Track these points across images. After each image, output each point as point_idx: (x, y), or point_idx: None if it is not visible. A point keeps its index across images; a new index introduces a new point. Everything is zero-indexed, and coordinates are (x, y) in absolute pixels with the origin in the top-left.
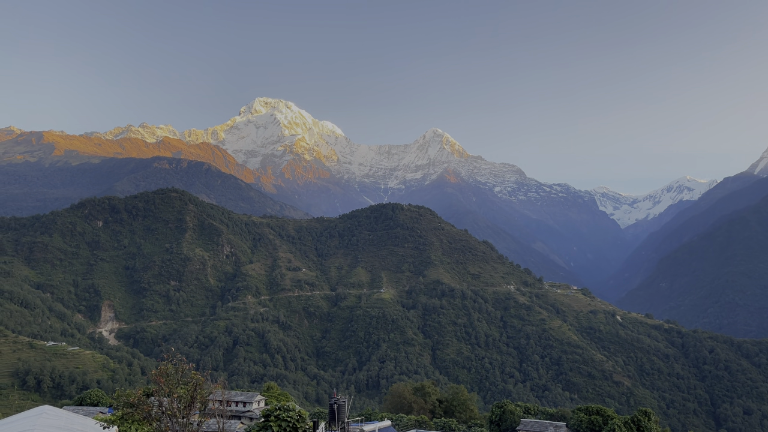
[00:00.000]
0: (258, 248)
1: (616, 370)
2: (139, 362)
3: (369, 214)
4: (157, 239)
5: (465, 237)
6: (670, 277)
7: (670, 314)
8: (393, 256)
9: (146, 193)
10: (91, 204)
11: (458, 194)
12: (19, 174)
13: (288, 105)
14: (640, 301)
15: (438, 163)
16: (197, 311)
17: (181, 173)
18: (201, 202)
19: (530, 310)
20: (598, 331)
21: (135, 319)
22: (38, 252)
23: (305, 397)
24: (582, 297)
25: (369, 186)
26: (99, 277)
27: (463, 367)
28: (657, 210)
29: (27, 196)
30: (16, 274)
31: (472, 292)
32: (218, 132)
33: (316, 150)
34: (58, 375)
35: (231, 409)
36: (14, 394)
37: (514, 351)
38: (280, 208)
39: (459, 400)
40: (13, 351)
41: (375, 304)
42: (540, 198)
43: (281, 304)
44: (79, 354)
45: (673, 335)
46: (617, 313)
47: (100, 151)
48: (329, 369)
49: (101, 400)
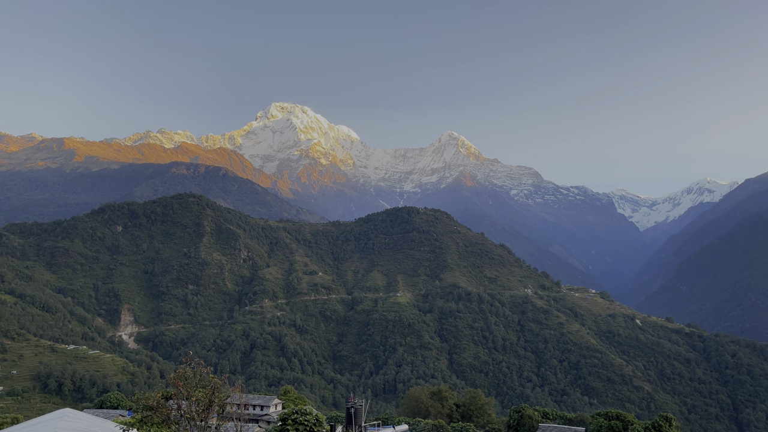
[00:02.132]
0: (275, 252)
1: (636, 374)
2: (158, 365)
3: (385, 217)
4: (176, 244)
5: (481, 240)
6: (691, 280)
7: (691, 318)
8: (409, 260)
9: (164, 198)
10: (111, 209)
11: (474, 197)
12: (40, 180)
13: (304, 110)
14: (660, 304)
15: (454, 166)
16: (215, 315)
17: (199, 178)
18: (218, 207)
19: (548, 314)
20: (617, 335)
21: (154, 323)
22: (59, 257)
23: (322, 400)
24: (600, 300)
25: (385, 190)
26: (119, 281)
27: (480, 371)
28: (677, 212)
29: (48, 202)
30: (38, 278)
31: (489, 296)
32: (235, 137)
33: (332, 154)
34: (79, 378)
35: (248, 412)
36: (36, 397)
37: (532, 355)
38: (297, 212)
39: (476, 404)
40: (35, 354)
41: (391, 307)
42: (557, 201)
43: (298, 308)
44: (100, 357)
45: (695, 339)
46: (637, 316)
47: (120, 157)
48: (346, 373)
49: (121, 403)
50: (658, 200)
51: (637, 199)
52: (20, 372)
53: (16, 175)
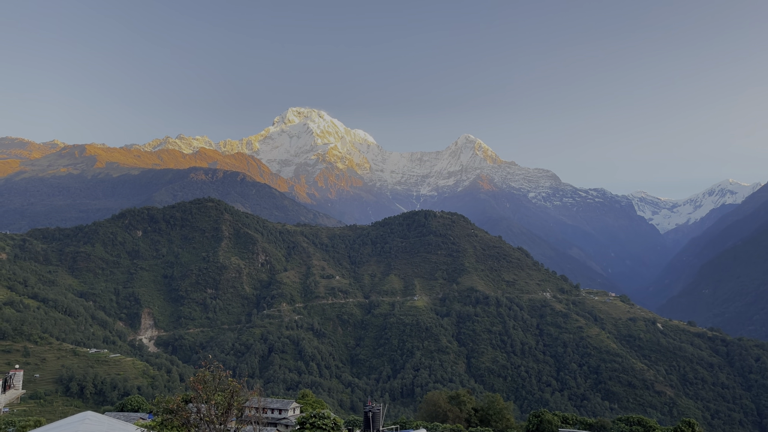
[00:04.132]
0: (292, 256)
1: (658, 379)
2: (177, 369)
3: (401, 221)
4: (194, 248)
5: (499, 243)
6: (714, 283)
7: (714, 322)
8: (426, 264)
9: (183, 203)
10: (131, 214)
11: (492, 200)
12: (63, 186)
13: (321, 114)
14: (682, 308)
15: (471, 169)
16: (233, 319)
17: (217, 183)
18: (236, 211)
19: (567, 318)
20: (638, 339)
21: (173, 327)
22: (81, 261)
23: (340, 404)
24: (620, 304)
25: (401, 193)
26: (139, 285)
27: (498, 375)
28: (698, 214)
29: (70, 208)
30: (61, 283)
31: (507, 300)
32: (253, 142)
33: (348, 158)
34: (101, 381)
35: (267, 416)
36: (58, 401)
37: (551, 359)
38: (314, 216)
39: (495, 408)
40: (58, 358)
41: (408, 311)
42: (576, 203)
43: (315, 312)
44: (120, 361)
45: (717, 343)
46: (658, 320)
47: (140, 163)
48: (363, 377)
49: (141, 406)
50: (679, 202)
51: (657, 202)
52: (43, 375)
53: (39, 181)
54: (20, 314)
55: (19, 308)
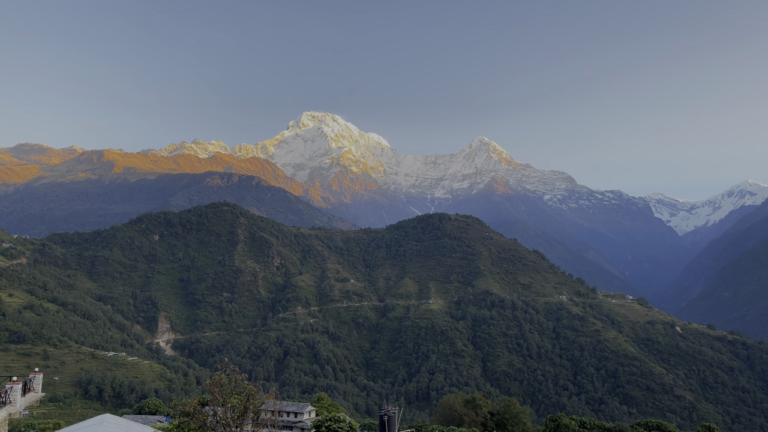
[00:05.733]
0: (307, 260)
1: (677, 383)
2: (194, 372)
3: (416, 224)
4: (210, 252)
5: (514, 246)
6: (733, 286)
7: (734, 325)
8: (441, 267)
9: (199, 207)
10: (148, 219)
11: (506, 203)
12: (81, 191)
13: (335, 118)
14: (701, 311)
15: (485, 171)
16: (249, 322)
17: (233, 187)
18: (252, 215)
19: (584, 321)
20: (656, 343)
21: (190, 330)
22: (100, 265)
23: (355, 408)
24: (638, 307)
25: (415, 196)
26: (156, 289)
27: (514, 379)
28: (717, 216)
29: (89, 212)
30: (79, 286)
31: (523, 303)
32: (267, 146)
33: (362, 162)
34: (119, 384)
35: (282, 419)
36: (77, 403)
37: (568, 363)
38: (328, 219)
39: (511, 412)
40: (77, 361)
41: (423, 315)
42: (592, 206)
43: (330, 315)
44: (138, 364)
45: (738, 347)
46: (677, 323)
47: (156, 168)
48: (379, 380)
49: (159, 409)
50: (698, 204)
51: (675, 203)
52: (62, 378)
53: (58, 186)
54: (40, 318)
55: (38, 312)
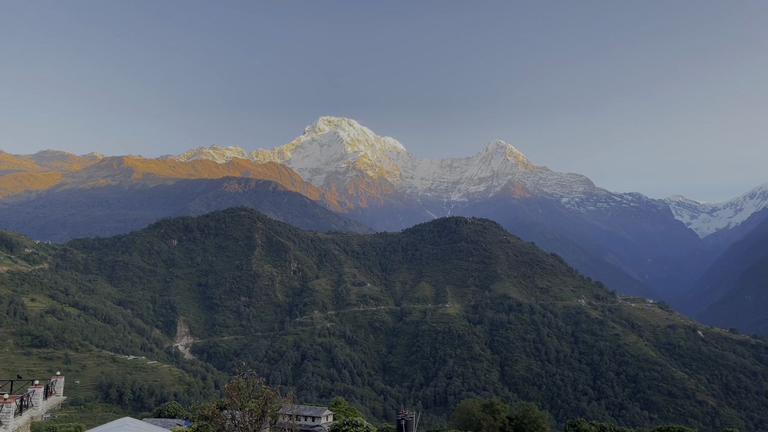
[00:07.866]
0: (324, 264)
1: (699, 388)
2: (212, 376)
3: (432, 228)
4: (228, 256)
5: (532, 250)
6: (757, 289)
7: (757, 329)
8: (457, 270)
9: (217, 212)
10: (167, 224)
11: (524, 206)
12: (101, 197)
13: (351, 123)
14: (724, 315)
15: (502, 174)
16: (266, 326)
17: (250, 192)
18: (269, 220)
19: (603, 325)
20: (677, 347)
21: (208, 334)
22: (120, 270)
23: (372, 412)
24: (659, 311)
25: (431, 200)
26: (174, 293)
27: (533, 383)
28: (739, 218)
29: (109, 218)
30: (100, 291)
31: (541, 307)
32: (284, 151)
33: (378, 166)
34: (138, 388)
35: (300, 423)
36: (98, 407)
37: (587, 367)
38: (345, 223)
39: (530, 417)
40: (97, 365)
41: (440, 319)
42: (610, 208)
43: (347, 319)
44: (158, 368)
45: (761, 351)
46: (698, 327)
47: (175, 173)
48: (396, 384)
49: (178, 413)
50: (719, 206)
51: (695, 205)
52: (83, 382)
53: (79, 192)
54: (61, 322)
55: (60, 316)
